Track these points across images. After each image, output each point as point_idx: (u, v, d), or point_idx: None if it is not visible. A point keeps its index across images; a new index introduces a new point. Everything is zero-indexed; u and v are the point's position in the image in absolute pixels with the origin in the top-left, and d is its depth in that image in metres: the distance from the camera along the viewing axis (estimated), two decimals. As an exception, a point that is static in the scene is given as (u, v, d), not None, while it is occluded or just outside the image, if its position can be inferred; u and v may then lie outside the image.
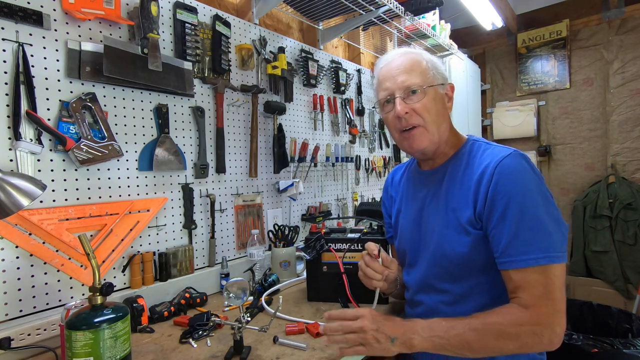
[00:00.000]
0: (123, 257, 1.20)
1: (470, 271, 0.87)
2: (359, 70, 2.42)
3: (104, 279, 1.15)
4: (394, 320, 0.82)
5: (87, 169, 1.14)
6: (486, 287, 0.86)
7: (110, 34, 1.20)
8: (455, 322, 0.79)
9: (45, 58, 1.05)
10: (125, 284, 1.21)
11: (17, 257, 0.99)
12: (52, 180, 1.06)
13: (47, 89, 1.06)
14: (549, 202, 0.80)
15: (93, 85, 1.16)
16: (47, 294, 1.04)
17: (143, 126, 1.29)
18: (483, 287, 0.87)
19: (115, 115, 1.21)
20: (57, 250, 1.05)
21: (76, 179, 1.11)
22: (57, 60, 1.08)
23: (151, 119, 1.31)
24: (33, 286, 1.01)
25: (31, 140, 1.00)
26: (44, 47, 1.05)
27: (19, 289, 0.99)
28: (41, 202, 1.04)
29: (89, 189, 1.14)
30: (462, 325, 0.77)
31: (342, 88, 2.23)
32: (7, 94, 0.98)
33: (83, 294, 1.10)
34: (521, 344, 0.74)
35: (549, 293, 0.75)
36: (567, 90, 3.33)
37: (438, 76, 0.94)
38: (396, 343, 0.78)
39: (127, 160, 1.24)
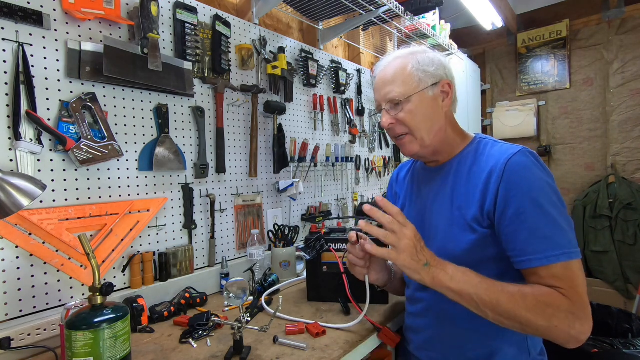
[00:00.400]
0: (123, 257, 1.20)
1: (472, 268, 0.86)
2: (359, 70, 2.42)
3: (104, 279, 1.15)
4: (430, 250, 0.82)
5: (87, 169, 1.14)
6: None
7: (110, 34, 1.20)
8: (489, 280, 0.77)
9: (45, 58, 1.05)
10: (125, 284, 1.21)
11: (17, 257, 0.99)
12: (52, 180, 1.06)
13: (47, 89, 1.06)
14: (560, 199, 0.80)
15: (93, 85, 1.16)
16: (47, 294, 1.04)
17: (143, 126, 1.29)
18: None
19: (115, 115, 1.21)
20: (57, 250, 1.05)
21: (76, 179, 1.11)
22: (57, 60, 1.08)
23: (151, 119, 1.31)
24: (33, 286, 1.01)
25: (31, 140, 1.00)
26: (44, 47, 1.05)
27: (19, 289, 0.99)
28: (41, 202, 1.04)
29: (89, 189, 1.14)
30: (498, 285, 0.76)
31: (342, 88, 2.23)
32: (7, 94, 0.98)
33: (83, 294, 1.10)
34: (550, 326, 0.72)
35: (576, 287, 0.74)
36: (567, 90, 3.33)
37: (426, 79, 0.92)
38: (427, 269, 0.77)
39: (127, 160, 1.24)
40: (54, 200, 1.06)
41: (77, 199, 1.11)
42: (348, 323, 1.04)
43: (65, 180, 1.09)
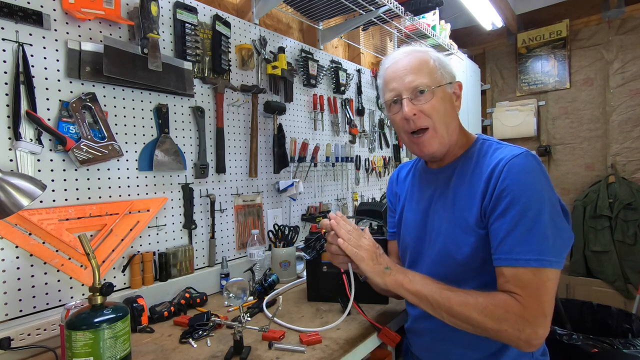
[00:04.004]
0: (123, 257, 1.20)
1: (475, 271, 0.86)
2: (359, 70, 2.42)
3: (104, 279, 1.15)
4: (390, 259, 0.93)
5: (87, 169, 1.13)
6: (493, 287, 0.84)
7: (110, 34, 1.20)
8: (448, 286, 0.83)
9: (45, 58, 1.05)
10: (125, 284, 1.21)
11: (17, 257, 0.99)
12: (52, 180, 1.06)
13: (47, 89, 1.06)
14: (554, 206, 0.79)
15: (93, 85, 1.16)
16: (47, 294, 1.04)
17: (143, 126, 1.29)
18: (489, 288, 0.84)
19: (115, 115, 1.21)
20: (57, 250, 1.05)
21: (76, 179, 1.11)
22: (57, 60, 1.08)
23: (151, 119, 1.31)
24: (33, 286, 1.01)
25: (31, 140, 1.00)
26: (44, 47, 1.05)
27: (19, 289, 0.99)
28: (41, 202, 1.04)
29: (89, 189, 1.14)
30: (453, 289, 0.81)
31: (342, 88, 2.23)
32: (7, 94, 0.98)
33: (83, 294, 1.10)
34: (500, 329, 0.74)
35: (538, 295, 0.74)
36: (567, 90, 3.33)
37: (446, 75, 0.92)
38: (388, 272, 0.87)
39: (127, 160, 1.24)
40: (54, 200, 1.06)
41: (77, 199, 1.11)
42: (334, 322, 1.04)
43: (65, 180, 1.09)
